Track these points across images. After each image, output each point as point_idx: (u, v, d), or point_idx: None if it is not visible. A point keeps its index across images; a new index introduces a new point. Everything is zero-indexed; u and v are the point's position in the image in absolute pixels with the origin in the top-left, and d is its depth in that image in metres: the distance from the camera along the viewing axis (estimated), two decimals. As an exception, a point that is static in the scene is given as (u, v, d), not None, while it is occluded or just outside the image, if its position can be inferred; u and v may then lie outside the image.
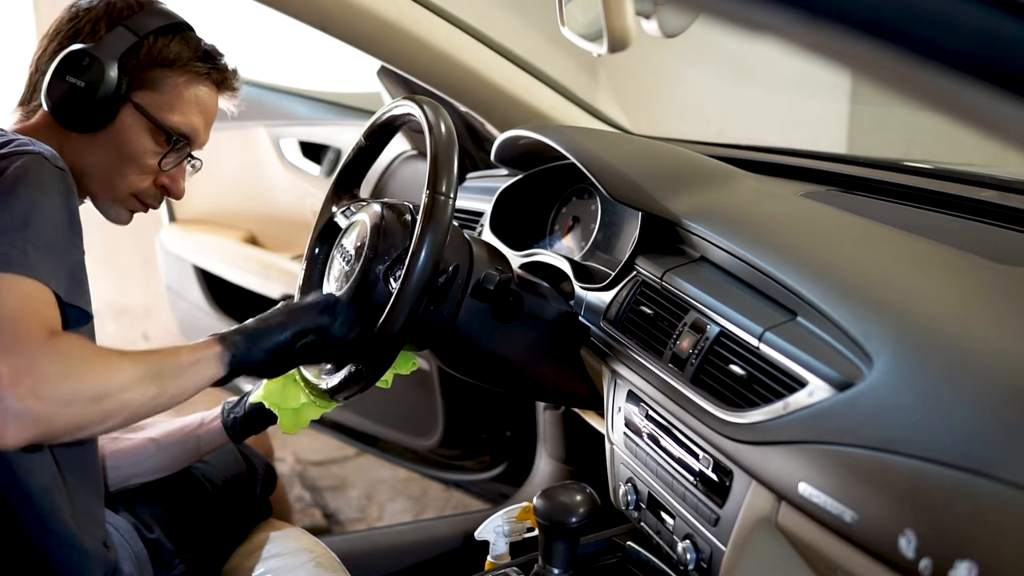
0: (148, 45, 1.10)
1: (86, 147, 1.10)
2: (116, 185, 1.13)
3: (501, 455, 2.16)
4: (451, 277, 1.12)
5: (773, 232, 1.03)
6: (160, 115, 1.11)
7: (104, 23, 1.10)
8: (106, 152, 1.11)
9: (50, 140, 1.07)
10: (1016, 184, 1.17)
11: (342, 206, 1.30)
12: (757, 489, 0.83)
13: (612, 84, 1.80)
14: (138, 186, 1.14)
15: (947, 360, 0.73)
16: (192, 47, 1.13)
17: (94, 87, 1.07)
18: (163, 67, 1.11)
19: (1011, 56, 0.46)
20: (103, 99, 1.07)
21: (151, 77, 1.11)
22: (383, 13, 1.50)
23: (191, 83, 1.13)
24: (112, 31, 1.09)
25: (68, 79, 1.06)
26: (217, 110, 1.19)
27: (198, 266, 2.60)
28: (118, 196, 1.14)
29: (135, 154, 1.12)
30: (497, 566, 1.15)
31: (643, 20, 0.95)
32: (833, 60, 0.50)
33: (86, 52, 1.07)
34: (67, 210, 0.96)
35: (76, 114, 1.08)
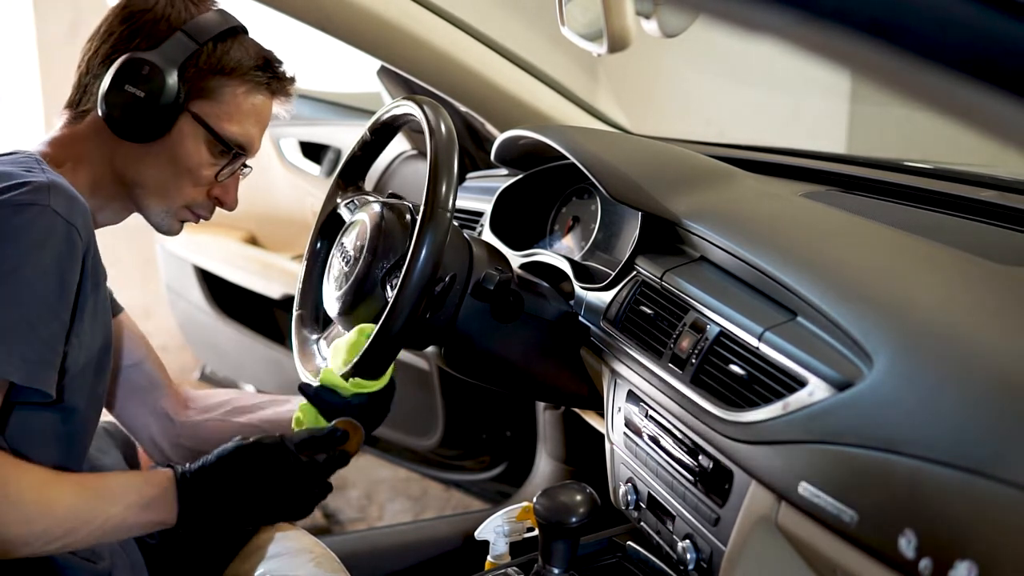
0: (208, 52, 1.05)
1: (140, 157, 1.06)
2: (170, 196, 1.09)
3: (501, 455, 2.16)
4: (448, 285, 1.12)
5: (773, 232, 1.03)
6: (218, 125, 1.07)
7: (163, 27, 1.05)
8: (160, 162, 1.07)
9: (100, 147, 1.05)
10: (1016, 184, 1.17)
11: (346, 198, 1.30)
12: (757, 489, 0.83)
13: (612, 84, 1.80)
14: (192, 197, 1.10)
15: (947, 360, 0.73)
16: (251, 54, 1.09)
17: (154, 97, 1.02)
18: (222, 75, 1.06)
19: (1011, 56, 0.46)
20: (162, 109, 1.03)
21: (210, 86, 1.06)
22: (383, 13, 1.50)
23: (250, 93, 1.09)
24: (171, 36, 1.04)
25: (127, 88, 1.01)
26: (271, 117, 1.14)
27: (198, 266, 2.60)
28: (171, 207, 1.10)
29: (191, 165, 1.07)
30: (497, 566, 1.15)
31: (643, 20, 0.95)
32: (833, 60, 0.50)
33: (146, 60, 1.02)
34: (57, 275, 0.91)
35: (133, 124, 1.03)
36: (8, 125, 3.07)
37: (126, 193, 1.09)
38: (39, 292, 0.91)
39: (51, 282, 0.91)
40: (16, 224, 0.90)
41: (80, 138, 1.07)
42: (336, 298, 1.16)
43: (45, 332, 0.91)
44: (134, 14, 1.05)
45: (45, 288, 0.91)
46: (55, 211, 0.92)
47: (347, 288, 1.14)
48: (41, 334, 0.91)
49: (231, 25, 1.08)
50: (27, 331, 0.90)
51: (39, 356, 0.91)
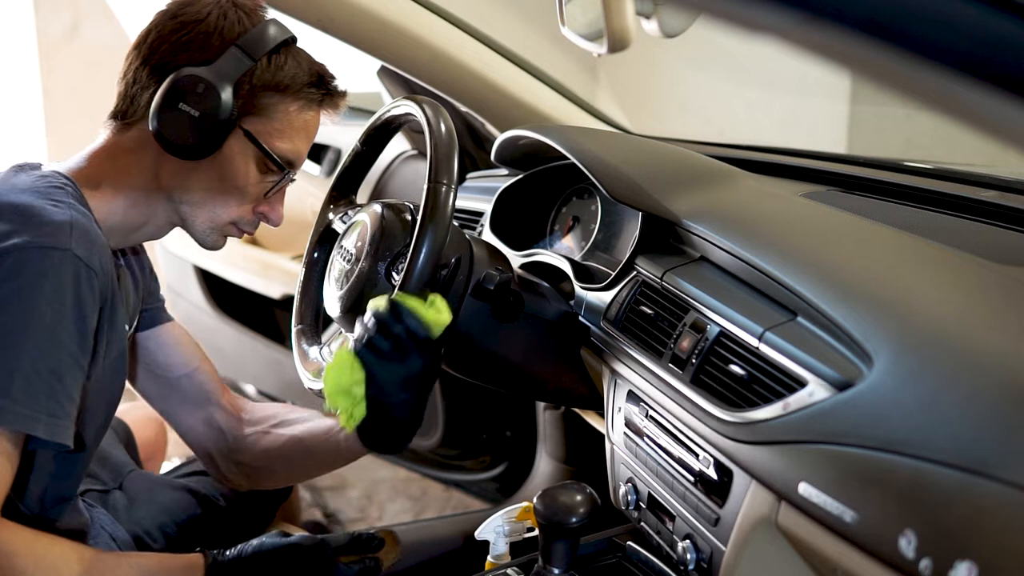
0: (262, 68, 1.02)
1: (187, 173, 1.04)
2: (217, 213, 1.07)
3: (501, 455, 2.16)
4: (453, 271, 1.11)
5: (773, 232, 1.03)
6: (269, 143, 1.04)
7: (216, 40, 1.01)
8: (208, 179, 1.04)
9: (145, 161, 1.03)
10: (1016, 184, 1.17)
11: (339, 211, 1.30)
12: (757, 489, 0.83)
13: (612, 84, 1.80)
14: (239, 214, 1.08)
15: (947, 360, 0.73)
16: (305, 68, 1.05)
17: (208, 116, 0.99)
18: (276, 92, 1.03)
19: (1011, 56, 0.46)
20: (214, 127, 1.00)
21: (262, 103, 1.03)
22: (383, 13, 1.51)
23: (302, 109, 1.06)
24: (226, 52, 1.00)
25: (180, 106, 0.98)
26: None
27: (198, 266, 2.60)
28: (216, 224, 1.08)
29: (240, 183, 1.05)
30: (497, 566, 1.14)
31: (643, 20, 0.95)
32: (833, 60, 0.50)
33: (201, 78, 0.99)
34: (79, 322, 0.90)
35: (184, 142, 1.00)
36: (8, 125, 3.07)
37: (171, 208, 1.07)
38: (63, 342, 0.90)
39: (73, 331, 0.90)
40: (36, 270, 0.88)
41: (125, 150, 1.04)
42: (338, 298, 1.16)
43: (69, 383, 0.91)
44: (186, 24, 1.01)
45: (69, 338, 0.90)
46: (76, 255, 0.90)
47: (349, 287, 1.14)
48: (66, 385, 0.90)
49: (285, 37, 1.05)
50: (53, 384, 0.89)
51: (64, 412, 0.90)
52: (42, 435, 0.88)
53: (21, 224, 0.90)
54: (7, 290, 0.87)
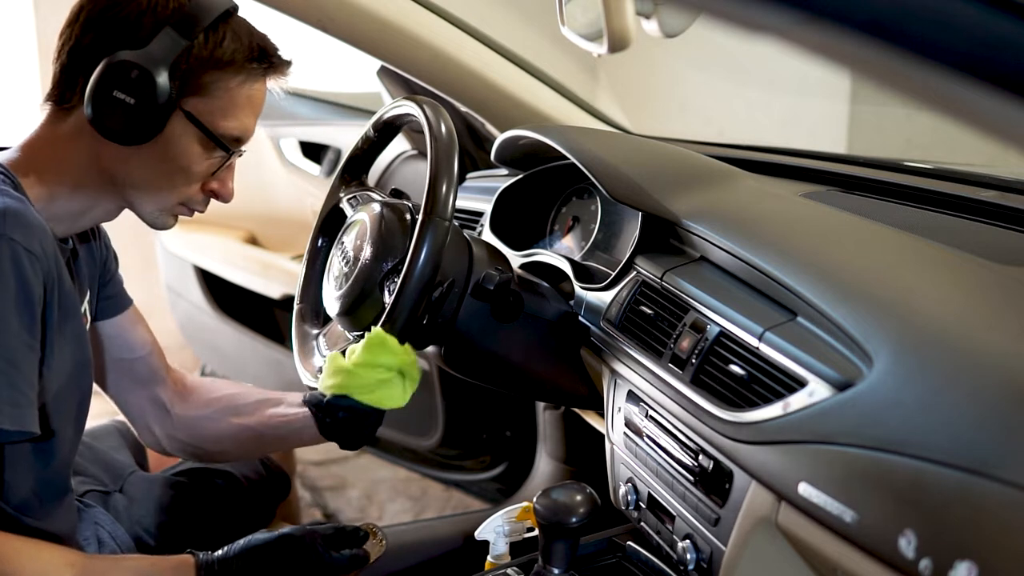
0: (199, 46, 0.98)
1: (130, 157, 1.00)
2: (163, 194, 1.04)
3: (501, 455, 2.16)
4: (446, 291, 1.11)
5: (773, 232, 1.03)
6: (213, 122, 1.01)
7: (148, 20, 0.97)
8: (153, 162, 1.01)
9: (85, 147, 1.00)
10: (1016, 184, 1.17)
11: (349, 193, 1.31)
12: (757, 489, 0.83)
13: (612, 84, 1.80)
14: (187, 194, 1.05)
15: (947, 360, 0.73)
16: (245, 42, 1.01)
17: (144, 102, 0.96)
18: (215, 70, 1.00)
19: (1011, 56, 0.46)
20: (152, 112, 0.97)
21: (202, 82, 1.00)
22: (383, 13, 1.51)
23: (244, 83, 1.02)
24: (159, 34, 0.97)
25: (115, 94, 0.95)
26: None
27: (198, 266, 2.60)
28: (165, 206, 1.06)
29: (185, 164, 1.02)
30: (497, 566, 1.14)
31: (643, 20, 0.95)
32: (833, 60, 0.50)
33: (133, 63, 0.95)
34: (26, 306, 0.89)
35: (122, 129, 0.97)
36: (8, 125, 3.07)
37: (116, 191, 1.04)
38: (12, 329, 0.88)
39: (22, 316, 0.89)
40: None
41: (63, 138, 1.01)
42: (336, 298, 1.16)
43: (26, 370, 0.90)
44: (118, 2, 0.98)
45: (18, 323, 0.89)
46: (12, 239, 0.88)
47: (347, 289, 1.14)
48: (22, 371, 0.89)
49: (223, 10, 1.01)
50: (9, 372, 0.88)
51: (25, 398, 0.89)
52: (7, 425, 0.87)
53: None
54: None
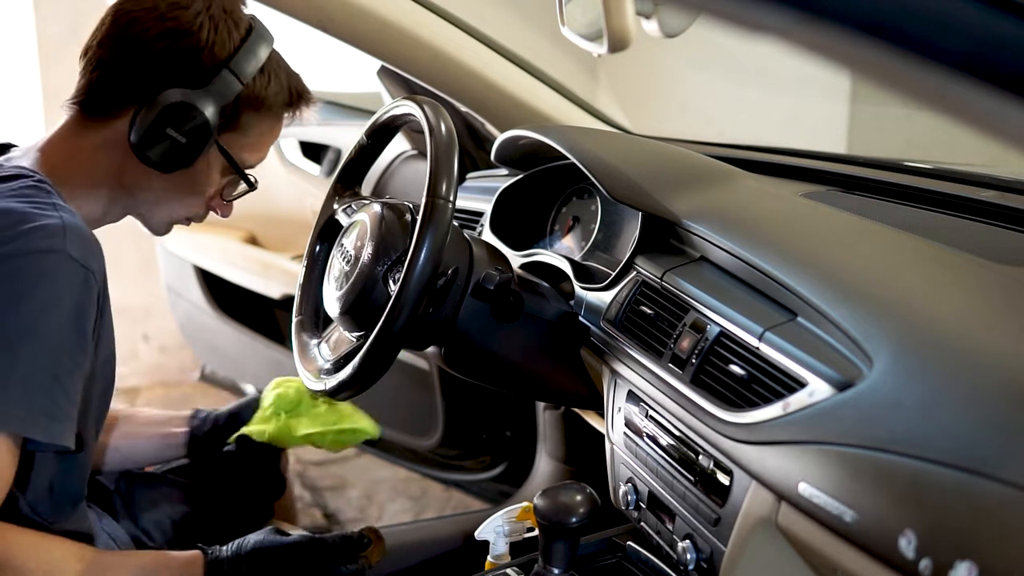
0: (249, 89, 1.03)
1: (154, 178, 1.04)
2: (175, 212, 1.09)
3: (501, 455, 2.16)
4: (450, 279, 1.12)
5: (773, 232, 1.03)
6: (240, 155, 1.07)
7: (207, 59, 1.00)
8: (175, 185, 1.06)
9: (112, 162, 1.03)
10: (1016, 184, 1.17)
11: (343, 203, 1.30)
12: (757, 489, 0.83)
13: (612, 84, 1.80)
14: (195, 212, 1.11)
15: (947, 360, 0.73)
16: (284, 86, 1.07)
17: (192, 140, 1.00)
18: (256, 111, 1.06)
19: (1011, 56, 0.46)
20: (196, 148, 1.01)
21: (242, 122, 1.05)
22: (383, 13, 1.50)
23: (275, 123, 1.09)
24: (218, 74, 1.00)
25: (168, 131, 0.99)
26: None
27: (198, 266, 2.60)
28: (173, 219, 1.11)
29: (204, 189, 1.07)
30: (497, 566, 1.15)
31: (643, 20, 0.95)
32: (833, 60, 0.50)
33: (194, 107, 0.99)
34: (78, 324, 0.91)
35: (163, 159, 1.01)
36: (8, 125, 3.07)
37: (130, 203, 1.08)
38: (62, 345, 0.90)
39: (72, 333, 0.91)
40: (34, 274, 0.88)
41: (90, 147, 1.03)
42: (337, 298, 1.16)
43: (68, 385, 0.91)
44: (175, 34, 0.99)
45: (67, 340, 0.90)
46: (71, 256, 0.90)
47: (348, 288, 1.14)
48: (65, 388, 0.91)
49: (269, 51, 1.05)
50: (51, 386, 0.89)
51: (63, 413, 0.91)
52: (40, 438, 0.89)
53: (12, 230, 0.90)
54: (4, 296, 0.87)
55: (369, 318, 1.10)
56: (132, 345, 3.10)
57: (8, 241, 0.89)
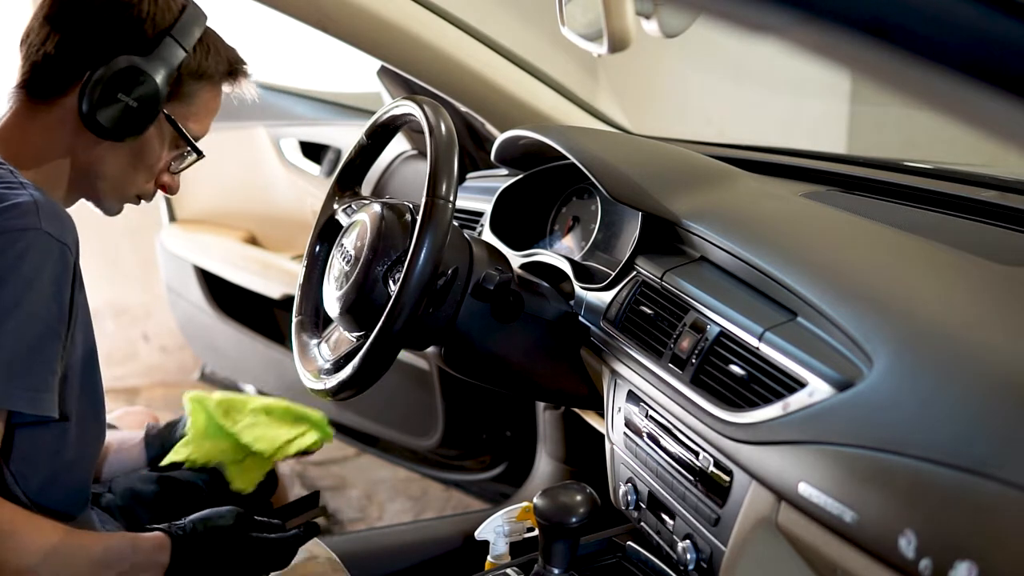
0: (190, 57, 1.06)
1: (105, 153, 1.07)
2: (125, 189, 1.11)
3: (501, 455, 2.16)
4: (450, 280, 1.12)
5: (773, 232, 1.03)
6: (186, 125, 1.09)
7: (149, 28, 1.03)
8: (124, 158, 1.08)
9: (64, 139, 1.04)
10: (1016, 184, 1.17)
11: (343, 203, 1.30)
12: (757, 489, 0.83)
13: (612, 84, 1.80)
14: (144, 188, 1.12)
15: (947, 360, 0.73)
16: (223, 57, 1.11)
17: (144, 106, 1.03)
18: (198, 80, 1.08)
19: (1011, 56, 0.46)
20: (145, 115, 1.04)
21: (185, 91, 1.08)
22: (383, 13, 1.50)
23: (216, 93, 1.12)
24: (163, 42, 1.03)
25: (120, 96, 1.01)
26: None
27: (198, 266, 2.60)
28: (125, 197, 1.12)
29: (152, 162, 1.10)
30: (497, 566, 1.15)
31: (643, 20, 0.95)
32: (833, 60, 0.50)
33: (143, 71, 1.02)
34: (57, 297, 0.94)
35: (113, 126, 1.03)
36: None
37: (85, 183, 1.10)
38: (42, 318, 0.93)
39: (53, 306, 0.94)
40: (13, 253, 0.91)
41: (43, 127, 1.05)
42: (337, 298, 1.16)
43: (48, 356, 0.94)
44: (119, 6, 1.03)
45: (48, 313, 0.94)
46: (48, 233, 0.93)
47: (348, 288, 1.14)
48: (45, 358, 0.94)
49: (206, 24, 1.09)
50: (31, 359, 0.92)
51: (44, 383, 0.94)
52: (25, 409, 0.92)
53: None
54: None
55: (369, 318, 1.10)
56: (132, 345, 3.10)
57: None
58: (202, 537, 1.06)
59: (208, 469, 1.33)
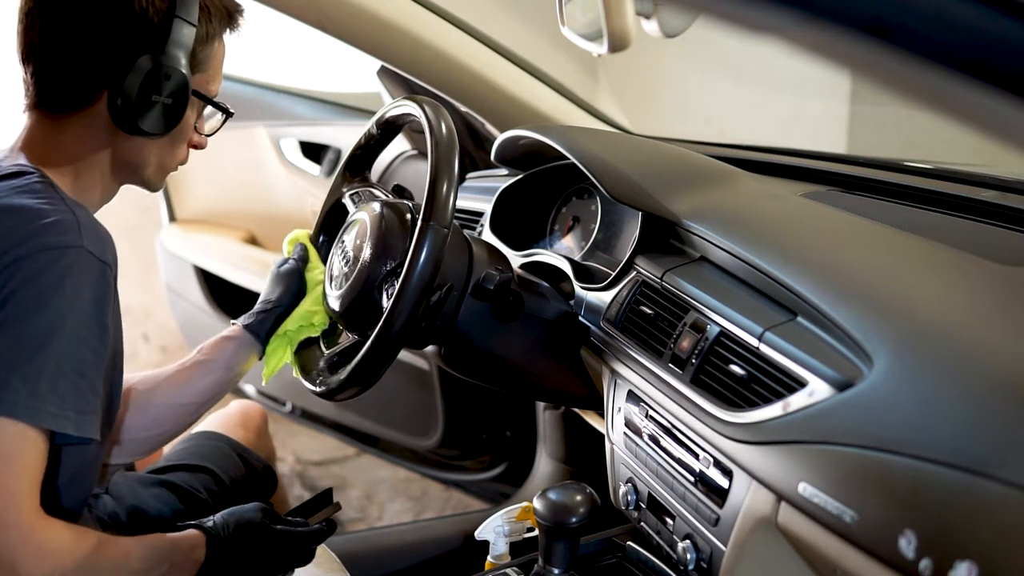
0: (200, 31, 1.03)
1: (144, 143, 1.05)
2: (169, 166, 1.10)
3: (501, 455, 2.16)
4: (444, 295, 1.11)
5: (773, 232, 1.03)
6: (208, 91, 1.08)
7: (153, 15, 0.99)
8: (163, 142, 1.07)
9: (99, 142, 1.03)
10: (1016, 184, 1.17)
11: (352, 189, 1.31)
12: (757, 489, 0.83)
13: (612, 84, 1.80)
14: (182, 157, 1.12)
15: (947, 360, 0.73)
16: (222, 10, 1.07)
17: (178, 98, 1.01)
18: (208, 45, 1.06)
19: (1011, 56, 0.46)
20: (182, 104, 1.02)
21: (201, 59, 1.06)
22: (383, 13, 1.50)
23: (222, 45, 1.09)
24: (172, 26, 1.00)
25: (154, 99, 0.99)
26: None
27: (198, 266, 2.60)
28: (167, 172, 1.12)
29: (188, 134, 1.09)
30: (497, 566, 1.15)
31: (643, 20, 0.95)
32: (833, 60, 0.50)
33: (168, 67, 0.99)
34: (98, 318, 0.93)
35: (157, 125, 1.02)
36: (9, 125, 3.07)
37: (129, 175, 1.09)
38: (85, 339, 0.92)
39: (94, 327, 0.93)
40: (56, 272, 0.90)
41: (74, 136, 1.03)
42: (335, 298, 1.16)
43: (93, 379, 0.93)
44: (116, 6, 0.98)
45: (90, 334, 0.93)
46: (90, 252, 0.93)
47: (346, 289, 1.14)
48: (91, 381, 0.93)
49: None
50: (78, 381, 0.92)
51: (90, 406, 0.93)
52: (72, 432, 0.91)
53: (28, 227, 0.91)
54: (29, 294, 0.89)
55: (368, 319, 1.10)
56: (132, 345, 3.10)
57: (25, 239, 0.91)
58: (233, 533, 1.07)
59: (207, 469, 1.33)
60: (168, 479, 1.33)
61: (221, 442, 1.40)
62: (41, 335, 0.89)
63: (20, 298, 0.89)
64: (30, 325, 0.89)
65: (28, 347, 0.89)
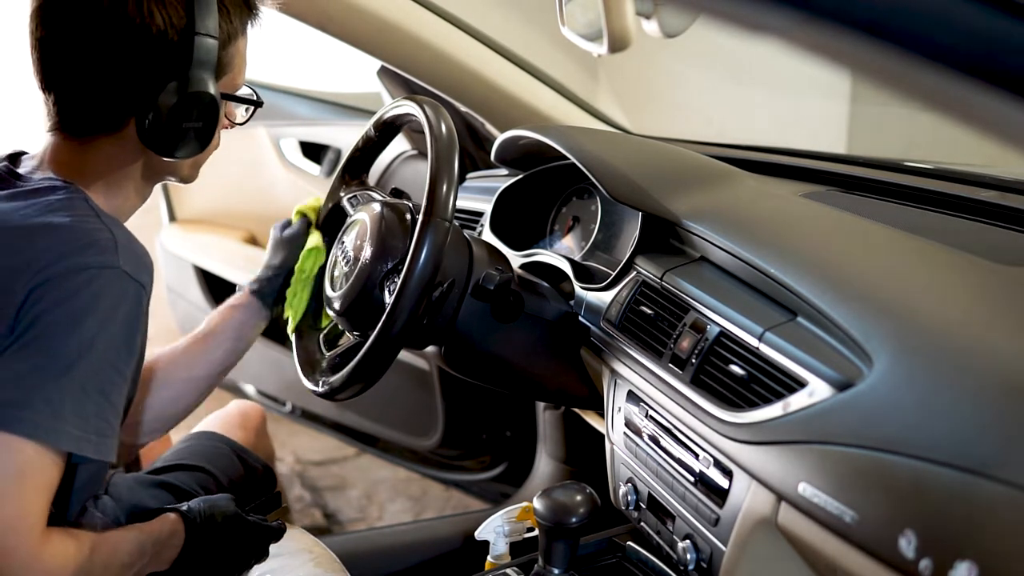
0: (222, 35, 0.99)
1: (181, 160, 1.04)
2: (201, 161, 1.10)
3: (501, 455, 2.16)
4: (446, 292, 1.11)
5: (773, 232, 1.03)
6: (235, 87, 1.06)
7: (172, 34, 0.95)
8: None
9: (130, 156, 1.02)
10: (1016, 184, 1.17)
11: (349, 192, 1.31)
12: (757, 489, 0.83)
13: (612, 84, 1.80)
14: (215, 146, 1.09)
15: (947, 360, 0.73)
16: (237, 8, 1.02)
17: (208, 120, 1.00)
18: (233, 44, 1.03)
19: (1011, 56, 0.46)
20: (213, 123, 1.01)
21: (226, 62, 1.02)
22: (383, 13, 1.51)
23: (244, 40, 1.06)
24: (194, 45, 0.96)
25: (186, 125, 0.98)
26: None
27: (198, 266, 2.60)
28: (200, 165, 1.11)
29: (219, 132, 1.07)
30: (497, 566, 1.15)
31: (643, 20, 0.95)
32: (833, 60, 0.50)
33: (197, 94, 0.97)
34: (128, 339, 0.92)
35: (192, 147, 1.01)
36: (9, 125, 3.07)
37: (163, 176, 1.08)
38: (113, 361, 0.92)
39: (123, 348, 0.92)
40: (91, 292, 0.89)
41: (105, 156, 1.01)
42: (336, 298, 1.16)
43: (116, 400, 0.93)
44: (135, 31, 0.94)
45: (117, 357, 0.92)
46: (125, 272, 0.92)
47: (346, 289, 1.14)
48: (114, 404, 0.92)
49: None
50: (103, 403, 0.91)
51: (111, 429, 0.92)
52: (91, 455, 0.90)
53: (65, 246, 0.91)
54: (62, 314, 0.88)
55: (368, 319, 1.10)
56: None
57: (62, 258, 0.89)
58: (208, 519, 1.08)
59: (205, 470, 1.33)
60: (167, 479, 1.33)
61: (220, 443, 1.40)
62: (70, 356, 0.88)
63: (53, 318, 0.88)
64: (60, 345, 0.88)
65: (56, 368, 0.88)
